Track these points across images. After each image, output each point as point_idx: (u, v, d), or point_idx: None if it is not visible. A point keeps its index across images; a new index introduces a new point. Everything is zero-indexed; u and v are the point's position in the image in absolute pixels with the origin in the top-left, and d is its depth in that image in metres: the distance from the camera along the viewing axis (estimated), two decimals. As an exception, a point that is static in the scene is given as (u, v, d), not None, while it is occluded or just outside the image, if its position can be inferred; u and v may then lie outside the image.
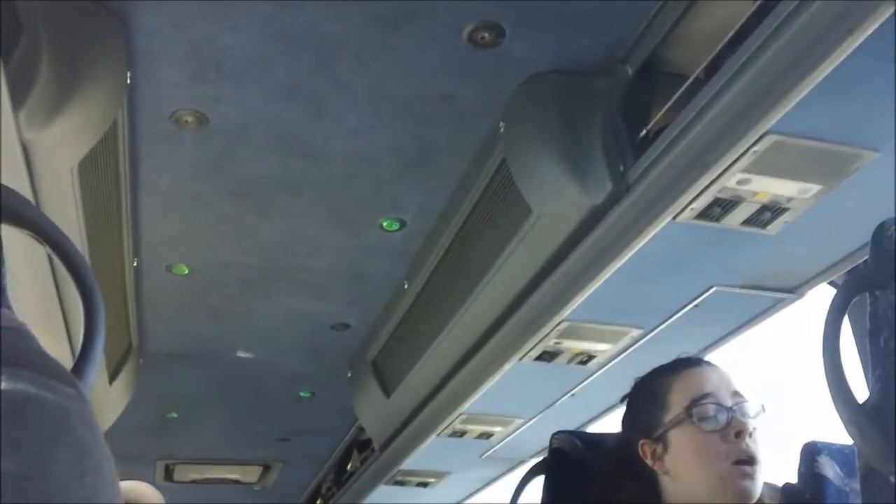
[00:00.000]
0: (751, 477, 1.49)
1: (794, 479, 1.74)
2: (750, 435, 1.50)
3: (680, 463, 1.55)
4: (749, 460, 1.49)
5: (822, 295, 2.60)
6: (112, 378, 3.85)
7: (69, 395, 0.45)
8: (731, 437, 1.50)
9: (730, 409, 1.53)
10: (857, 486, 1.66)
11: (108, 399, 3.98)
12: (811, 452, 1.74)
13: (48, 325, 2.59)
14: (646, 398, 1.66)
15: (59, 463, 0.41)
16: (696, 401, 1.54)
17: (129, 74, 2.43)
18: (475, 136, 2.81)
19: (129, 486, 2.58)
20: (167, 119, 2.67)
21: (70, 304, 2.68)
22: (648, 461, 1.59)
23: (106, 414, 4.13)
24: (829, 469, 1.71)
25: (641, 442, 1.60)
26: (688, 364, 1.64)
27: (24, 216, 0.82)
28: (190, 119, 2.67)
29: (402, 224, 3.31)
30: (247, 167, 2.94)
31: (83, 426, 0.44)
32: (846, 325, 1.26)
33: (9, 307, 0.63)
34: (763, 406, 1.57)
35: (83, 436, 0.43)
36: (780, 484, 1.70)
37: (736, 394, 1.56)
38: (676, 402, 1.57)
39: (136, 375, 4.29)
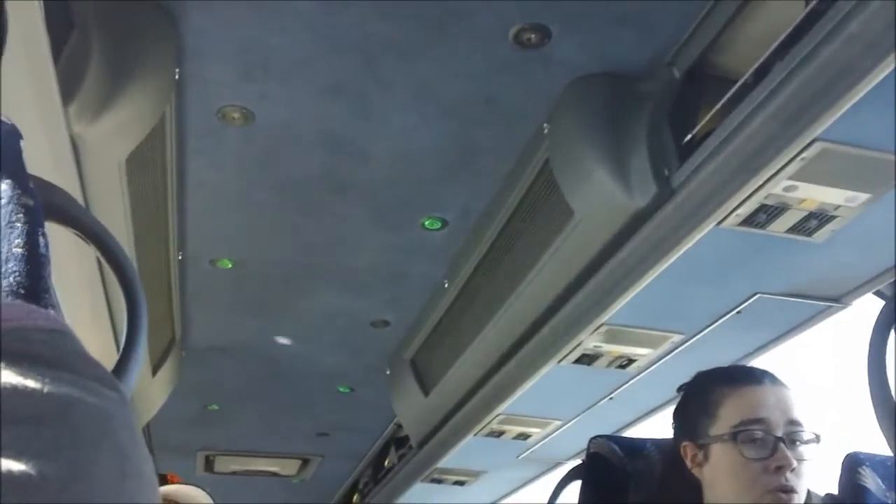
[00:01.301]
0: None
1: (835, 490, 1.72)
2: (792, 469, 1.47)
3: (717, 478, 1.53)
4: (786, 491, 1.46)
5: (868, 304, 2.56)
6: (155, 370, 3.90)
7: (111, 398, 0.45)
8: (771, 469, 1.47)
9: (777, 440, 1.49)
10: (898, 498, 1.64)
11: (150, 390, 4.03)
12: (853, 463, 1.71)
13: (94, 320, 2.62)
14: (697, 401, 1.63)
15: (101, 467, 0.41)
16: (745, 424, 1.50)
17: (177, 71, 2.46)
18: (519, 137, 2.81)
19: (183, 491, 2.61)
20: (214, 115, 2.69)
21: (116, 299, 2.71)
22: (688, 462, 1.58)
23: (149, 405, 4.18)
24: (871, 480, 1.69)
25: (684, 444, 1.59)
26: (748, 378, 1.58)
27: (69, 214, 0.83)
28: (236, 116, 2.70)
29: (444, 223, 3.31)
30: (291, 165, 2.97)
31: (124, 430, 0.44)
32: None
33: (54, 306, 0.64)
34: (817, 436, 1.52)
35: (124, 440, 0.44)
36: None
37: (791, 421, 1.51)
38: (725, 417, 1.53)
39: (179, 367, 4.33)
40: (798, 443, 1.50)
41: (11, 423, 0.39)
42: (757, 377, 1.59)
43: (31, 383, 0.41)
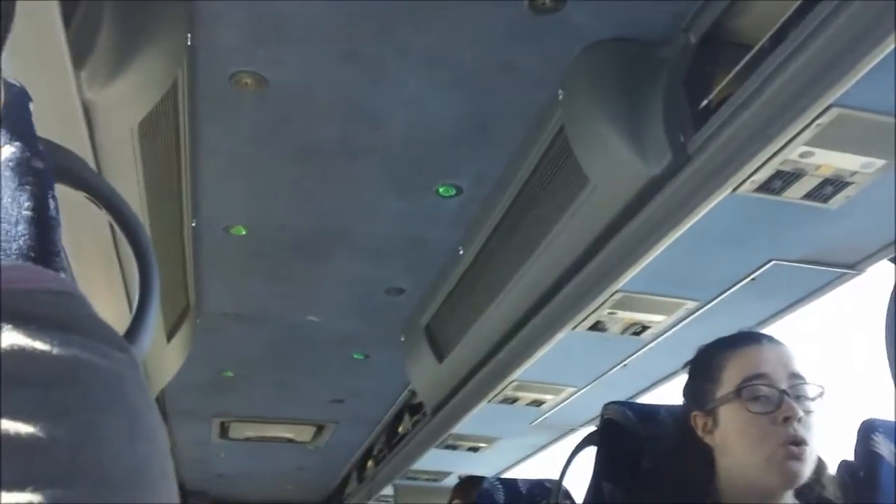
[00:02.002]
0: (798, 458, 1.46)
1: (850, 457, 1.72)
2: (800, 420, 1.47)
3: (728, 440, 1.53)
4: (797, 442, 1.47)
5: (883, 271, 2.54)
6: (170, 336, 3.91)
7: (122, 360, 0.44)
8: (779, 421, 1.47)
9: (782, 392, 1.50)
10: (913, 465, 1.63)
11: (165, 357, 4.05)
12: (868, 430, 1.71)
13: (107, 284, 2.63)
14: (701, 370, 1.64)
15: (112, 430, 0.41)
16: (748, 380, 1.52)
17: (189, 36, 2.44)
18: (534, 104, 2.79)
19: None
20: (227, 81, 2.68)
21: (129, 263, 2.71)
22: (699, 432, 1.58)
23: (163, 371, 4.21)
24: (885, 447, 1.69)
25: (693, 413, 1.59)
26: (747, 340, 1.60)
27: (80, 177, 0.82)
28: (249, 81, 2.68)
29: (459, 190, 3.30)
30: (306, 130, 2.96)
31: (136, 393, 0.44)
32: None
33: (64, 270, 0.64)
34: (822, 388, 1.53)
35: (136, 403, 0.43)
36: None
37: (793, 375, 1.53)
38: (729, 378, 1.55)
39: (194, 334, 4.35)
40: (802, 396, 1.51)
41: (21, 386, 0.39)
42: (755, 337, 1.61)
43: (40, 345, 0.41)
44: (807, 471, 1.47)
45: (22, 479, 0.35)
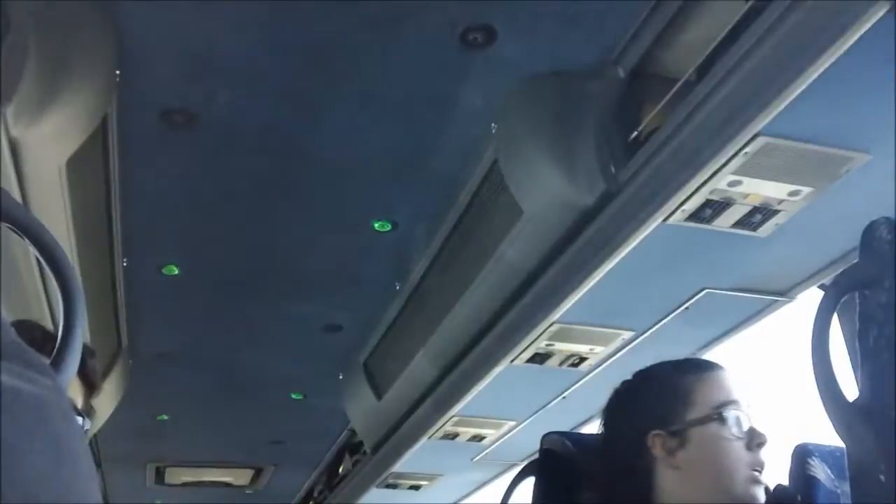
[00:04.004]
0: (761, 484, 1.50)
1: (785, 481, 1.74)
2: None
3: (698, 462, 1.54)
4: (762, 468, 1.51)
5: (815, 298, 2.59)
6: (101, 379, 3.83)
7: (47, 386, 0.44)
8: (752, 447, 1.51)
9: (750, 419, 1.54)
10: (847, 488, 1.65)
11: (96, 401, 3.95)
12: (802, 454, 1.73)
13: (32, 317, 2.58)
14: (665, 391, 1.63)
15: (36, 455, 0.40)
16: (726, 405, 1.54)
17: (118, 72, 2.42)
18: (467, 137, 2.81)
19: None
20: (157, 118, 2.66)
21: (56, 299, 2.66)
22: (657, 452, 1.57)
23: (96, 415, 4.11)
24: (821, 471, 1.71)
25: (654, 433, 1.58)
26: (711, 366, 1.63)
27: (2, 208, 0.81)
28: (180, 118, 2.66)
29: (394, 225, 3.30)
30: (238, 167, 2.94)
31: (61, 418, 0.43)
32: (836, 325, 1.26)
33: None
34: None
35: (60, 428, 0.43)
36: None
37: (749, 402, 1.57)
38: (702, 401, 1.56)
39: (126, 377, 4.27)
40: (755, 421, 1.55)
41: None
42: (715, 364, 1.65)
43: None
44: (763, 497, 1.50)
45: None
